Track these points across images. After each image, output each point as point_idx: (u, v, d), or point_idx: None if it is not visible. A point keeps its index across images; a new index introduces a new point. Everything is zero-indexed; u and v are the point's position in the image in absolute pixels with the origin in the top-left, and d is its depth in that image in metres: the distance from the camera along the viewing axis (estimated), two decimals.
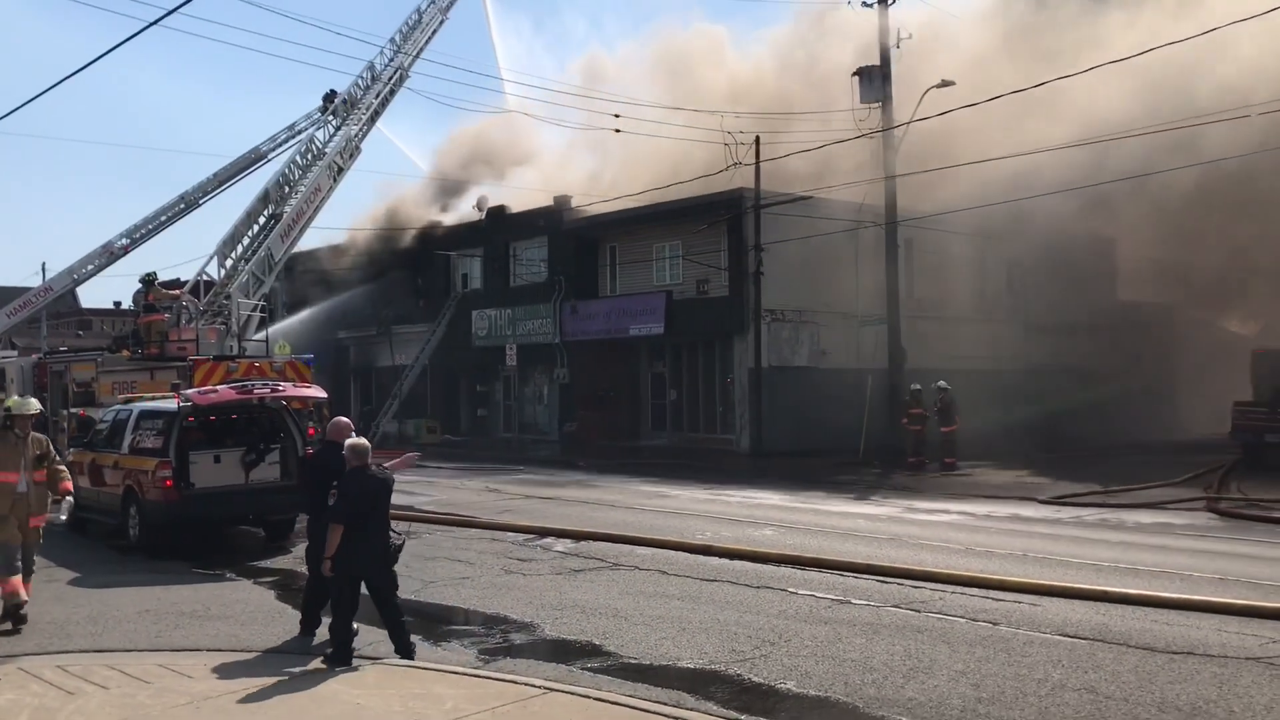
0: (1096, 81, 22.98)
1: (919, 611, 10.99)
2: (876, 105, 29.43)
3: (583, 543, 15.61)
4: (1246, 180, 28.78)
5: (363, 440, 9.56)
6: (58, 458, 11.19)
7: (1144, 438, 32.67)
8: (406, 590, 12.17)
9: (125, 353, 23.33)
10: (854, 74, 30.03)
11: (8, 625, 10.36)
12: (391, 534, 9.43)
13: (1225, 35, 19.12)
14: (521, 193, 42.39)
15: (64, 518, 11.25)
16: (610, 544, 15.39)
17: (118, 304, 69.84)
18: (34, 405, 11.22)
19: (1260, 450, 26.14)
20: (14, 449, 10.63)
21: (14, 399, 11.29)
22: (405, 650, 9.18)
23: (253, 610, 11.58)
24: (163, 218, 30.75)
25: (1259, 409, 27.08)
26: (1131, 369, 35.94)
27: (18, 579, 10.47)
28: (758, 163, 30.15)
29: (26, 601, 10.52)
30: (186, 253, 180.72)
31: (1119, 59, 19.54)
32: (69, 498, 11.23)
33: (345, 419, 10.53)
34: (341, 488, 9.19)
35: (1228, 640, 9.63)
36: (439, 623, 11.05)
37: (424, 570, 13.54)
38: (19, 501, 10.53)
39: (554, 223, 38.46)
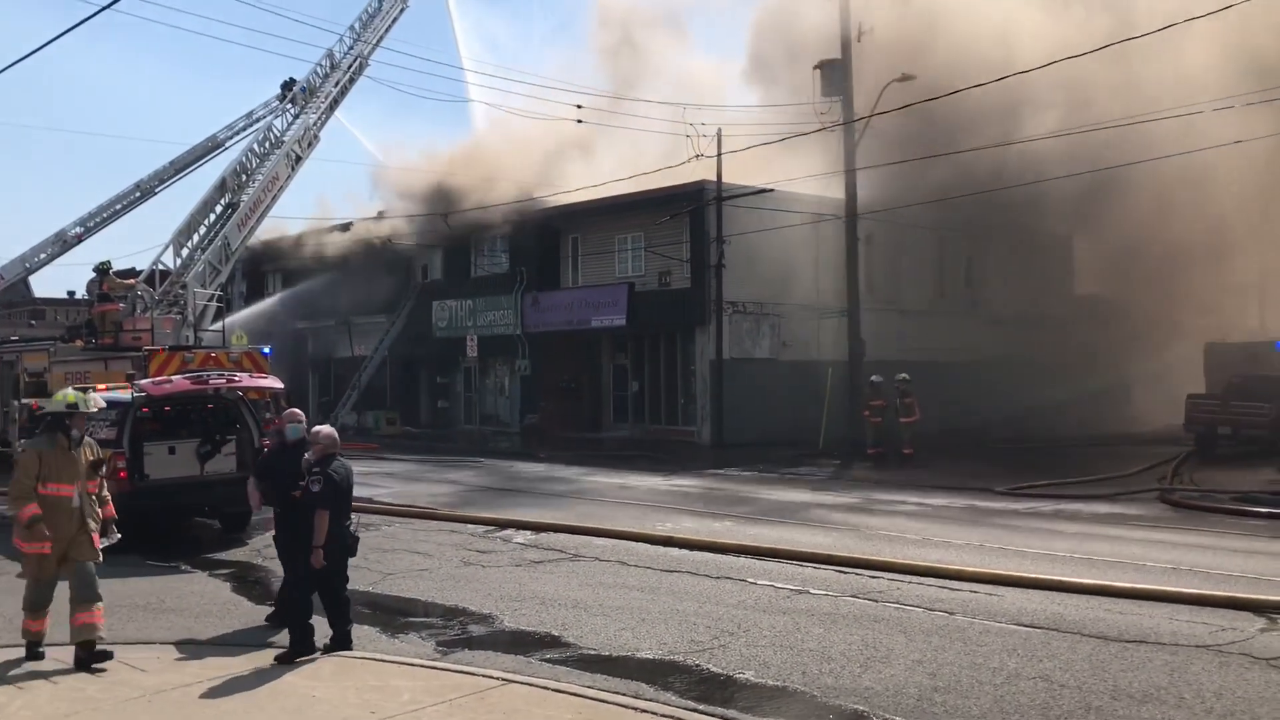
0: (1059, 76, 23.14)
1: (876, 601, 11.06)
2: (837, 99, 29.56)
3: (543, 534, 15.57)
4: (1201, 175, 29.13)
5: (333, 429, 9.51)
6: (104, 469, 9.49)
7: (1101, 430, 33.05)
8: (364, 582, 12.12)
9: (79, 342, 22.94)
10: (815, 67, 30.12)
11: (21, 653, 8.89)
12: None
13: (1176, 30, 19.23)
14: (484, 184, 42.13)
15: (105, 544, 9.26)
16: (570, 535, 15.36)
17: (71, 293, 68.87)
18: (98, 401, 9.66)
19: (1212, 441, 26.57)
20: (68, 455, 8.93)
21: (73, 392, 9.18)
22: (346, 641, 9.13)
23: (207, 603, 11.45)
24: (118, 206, 30.29)
25: (1211, 401, 27.52)
26: (1089, 362, 36.36)
27: (45, 620, 8.88)
28: (719, 155, 30.17)
29: (43, 636, 8.92)
30: (142, 241, 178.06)
31: (1076, 55, 19.67)
32: (114, 529, 9.43)
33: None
34: (328, 474, 9.04)
35: (1179, 629, 9.77)
36: (397, 615, 10.97)
37: (382, 562, 13.46)
38: (71, 518, 8.85)
39: (516, 213, 38.24)
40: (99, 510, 9.18)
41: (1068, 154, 26.37)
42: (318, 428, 9.46)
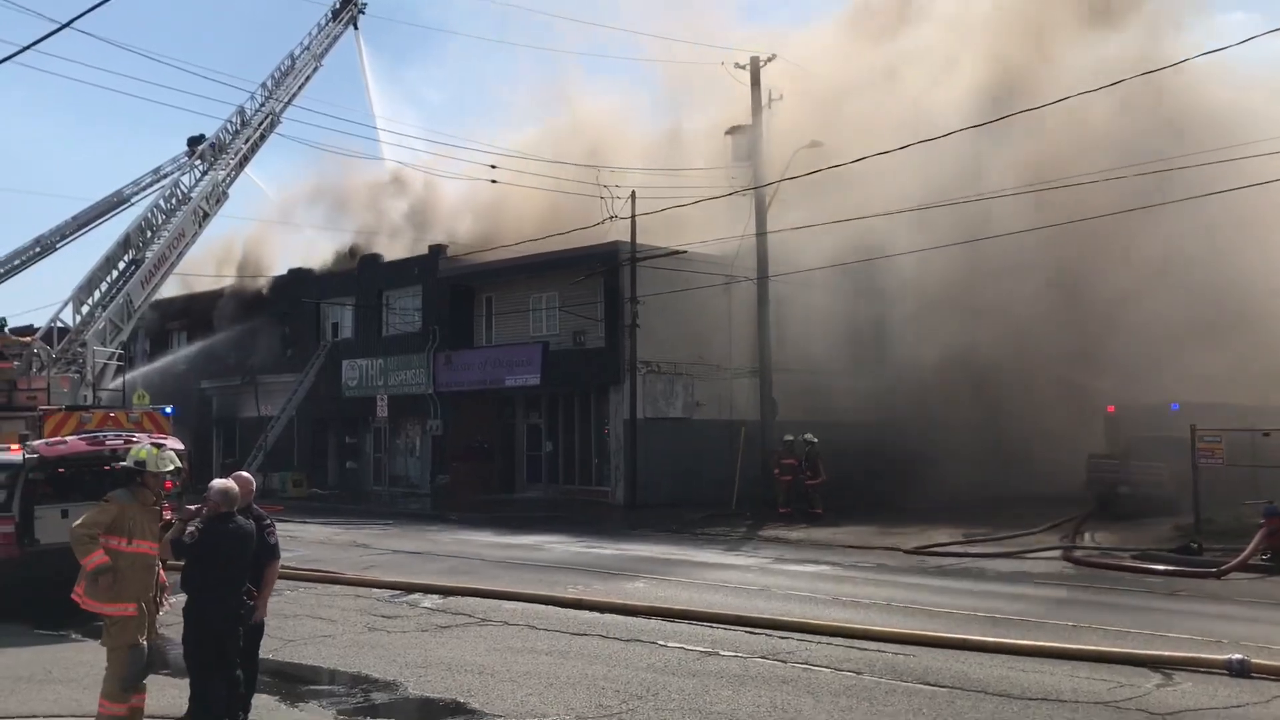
0: (955, 145, 23.88)
1: (785, 662, 11.06)
2: (748, 163, 30.10)
3: (451, 598, 15.31)
4: (1107, 235, 30.05)
5: (230, 484, 8.48)
6: None
7: (1006, 489, 33.62)
8: (264, 650, 11.70)
9: None
10: (727, 133, 30.70)
11: None
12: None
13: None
14: (396, 241, 41.98)
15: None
16: (479, 599, 15.13)
17: None
18: (174, 459, 8.73)
19: (1113, 500, 27.22)
20: (151, 511, 8.40)
21: (145, 449, 8.53)
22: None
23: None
24: (16, 261, 29.54)
25: (1111, 461, 28.24)
26: (993, 422, 37.08)
27: (143, 696, 8.41)
28: (634, 216, 30.46)
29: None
30: (41, 298, 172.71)
31: (975, 124, 20.38)
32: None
33: (226, 482, 8.66)
34: (204, 531, 8.20)
35: (1079, 685, 9.93)
36: (298, 683, 10.68)
37: (284, 629, 13.09)
38: (154, 579, 8.34)
39: (429, 271, 38.12)
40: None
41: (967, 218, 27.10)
42: (215, 484, 8.48)
